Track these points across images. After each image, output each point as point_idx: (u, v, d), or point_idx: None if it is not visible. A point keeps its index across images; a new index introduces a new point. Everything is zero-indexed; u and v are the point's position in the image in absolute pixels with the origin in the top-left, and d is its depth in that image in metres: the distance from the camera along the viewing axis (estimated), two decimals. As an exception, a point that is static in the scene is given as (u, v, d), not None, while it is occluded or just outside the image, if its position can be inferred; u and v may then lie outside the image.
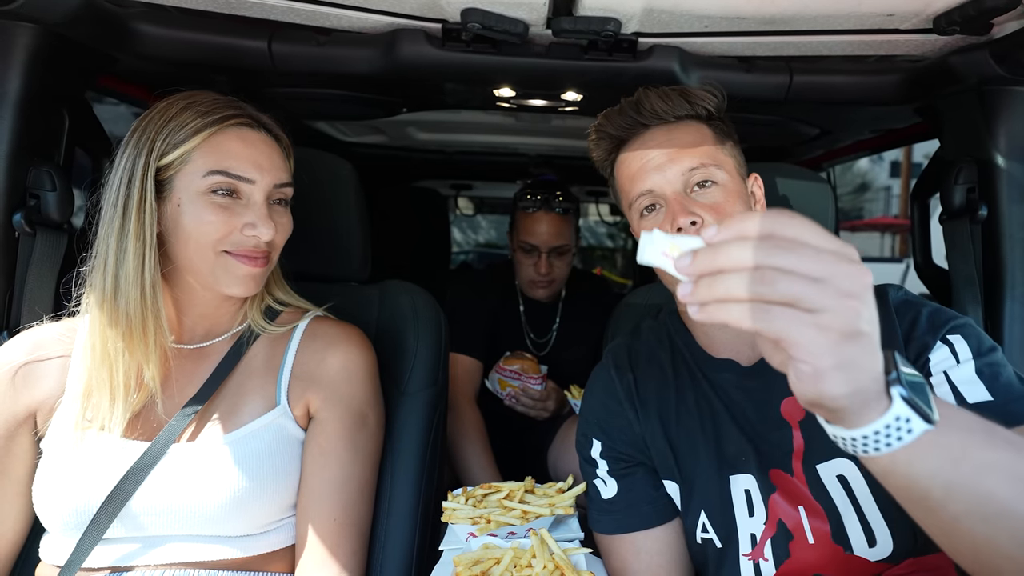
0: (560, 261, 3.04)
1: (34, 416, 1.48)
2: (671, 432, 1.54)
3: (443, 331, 1.89)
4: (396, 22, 1.76)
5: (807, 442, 1.40)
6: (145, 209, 1.40)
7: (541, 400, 2.83)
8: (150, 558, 1.41)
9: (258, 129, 1.52)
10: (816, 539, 1.36)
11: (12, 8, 1.49)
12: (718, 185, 1.47)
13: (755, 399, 1.48)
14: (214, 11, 1.73)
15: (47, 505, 1.40)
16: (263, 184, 1.48)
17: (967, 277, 1.89)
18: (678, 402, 1.56)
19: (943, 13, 1.58)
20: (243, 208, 1.46)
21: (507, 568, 1.38)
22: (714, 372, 1.54)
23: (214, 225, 1.43)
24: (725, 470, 1.46)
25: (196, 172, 1.42)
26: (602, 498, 1.58)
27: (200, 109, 1.44)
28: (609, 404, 1.63)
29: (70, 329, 1.53)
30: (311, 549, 1.46)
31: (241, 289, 1.49)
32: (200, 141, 1.42)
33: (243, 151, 1.46)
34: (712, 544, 1.47)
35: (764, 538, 1.40)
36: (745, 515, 1.43)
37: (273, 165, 1.50)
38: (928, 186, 2.18)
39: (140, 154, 1.41)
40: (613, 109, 1.60)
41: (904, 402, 0.85)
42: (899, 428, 0.86)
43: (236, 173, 1.44)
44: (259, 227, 1.46)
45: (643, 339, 1.70)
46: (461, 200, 5.58)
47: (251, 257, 1.48)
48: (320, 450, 1.52)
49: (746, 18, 1.64)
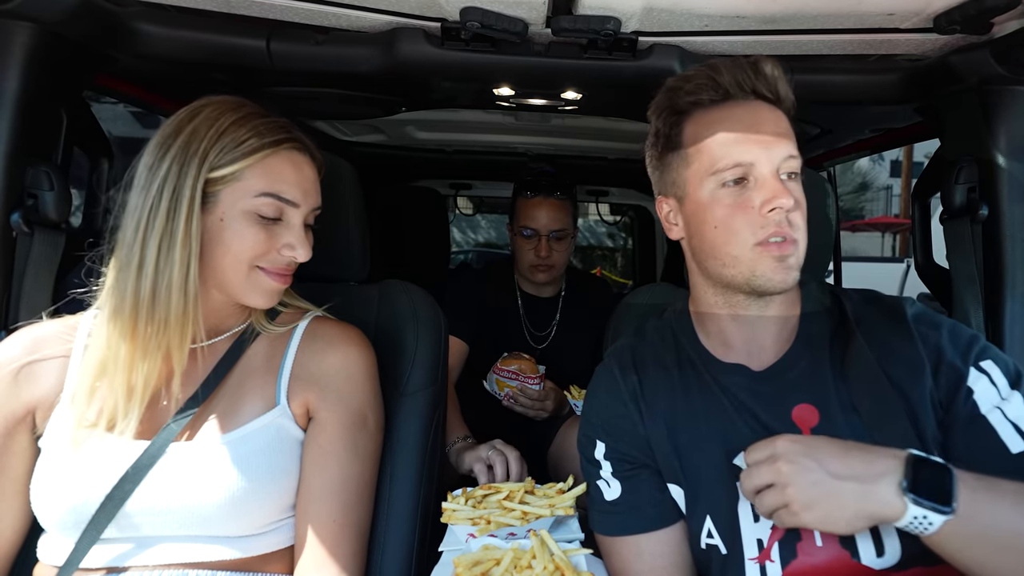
0: (559, 246, 3.08)
1: (33, 414, 1.47)
2: (677, 436, 1.52)
3: (442, 331, 1.89)
4: (395, 21, 1.75)
5: None
6: (193, 217, 1.40)
7: (539, 400, 2.83)
8: (148, 558, 1.40)
9: (304, 153, 1.55)
10: (824, 541, 1.34)
11: (10, 7, 1.49)
12: (799, 179, 1.44)
13: (766, 403, 1.45)
14: (212, 10, 1.72)
15: (45, 504, 1.39)
16: (305, 208, 1.52)
17: (968, 277, 1.89)
18: (685, 405, 1.53)
19: (943, 12, 1.58)
20: (283, 229, 1.49)
21: (507, 569, 1.37)
22: (724, 375, 1.52)
23: (255, 243, 1.45)
24: (731, 474, 1.43)
25: (247, 191, 1.44)
26: (605, 499, 1.56)
27: (257, 128, 1.46)
28: (613, 406, 1.60)
29: (69, 327, 1.53)
30: (310, 550, 1.46)
31: (264, 302, 1.52)
32: (255, 161, 1.44)
33: (293, 176, 1.49)
34: (717, 550, 1.45)
35: (771, 541, 1.38)
36: (750, 521, 1.41)
37: (315, 190, 1.56)
38: (929, 186, 2.17)
39: (190, 164, 1.40)
40: (729, 63, 1.45)
41: (915, 504, 1.13)
42: (920, 523, 1.14)
43: (286, 197, 1.47)
44: (297, 249, 1.50)
45: (648, 340, 1.67)
46: (460, 199, 5.57)
47: (281, 275, 1.52)
48: (319, 450, 1.51)
49: (746, 17, 1.64)
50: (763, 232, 1.37)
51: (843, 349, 1.45)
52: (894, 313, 1.47)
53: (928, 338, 1.41)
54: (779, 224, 1.36)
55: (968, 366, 1.35)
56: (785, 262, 1.38)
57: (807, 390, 1.43)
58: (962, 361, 1.36)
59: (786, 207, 1.36)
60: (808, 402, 1.42)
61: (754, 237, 1.38)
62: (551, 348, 3.21)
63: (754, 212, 1.37)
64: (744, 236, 1.39)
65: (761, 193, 1.37)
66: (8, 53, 1.58)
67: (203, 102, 1.48)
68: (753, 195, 1.38)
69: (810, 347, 1.48)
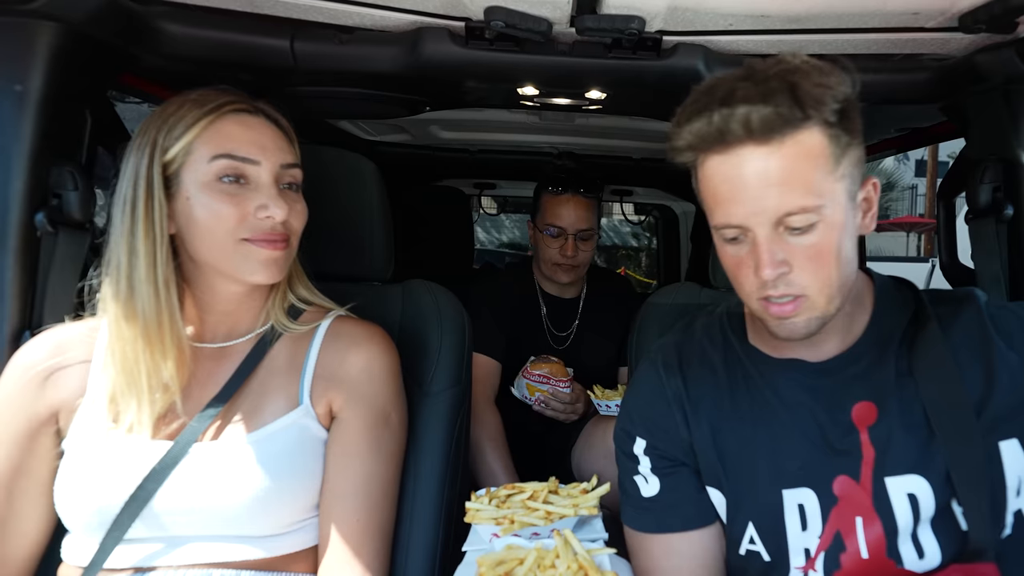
0: (585, 246, 3.04)
1: (56, 416, 1.47)
2: (722, 439, 1.46)
3: (466, 331, 1.89)
4: (419, 20, 1.75)
5: (877, 451, 1.33)
6: (154, 207, 1.40)
7: (571, 403, 2.82)
8: (172, 558, 1.41)
9: (256, 114, 1.51)
10: (871, 553, 1.30)
11: (34, 7, 1.50)
12: (823, 223, 1.22)
13: (824, 399, 1.38)
14: (236, 10, 1.73)
15: (69, 505, 1.40)
16: (269, 165, 1.47)
17: (993, 276, 1.88)
18: (731, 408, 1.47)
19: (968, 11, 1.57)
20: (252, 192, 1.45)
21: (530, 569, 1.36)
22: (776, 373, 1.44)
23: (226, 212, 1.42)
24: (779, 483, 1.39)
25: (201, 160, 1.42)
26: (641, 495, 1.52)
27: (196, 101, 1.45)
28: (656, 404, 1.54)
29: (92, 329, 1.53)
30: (334, 549, 1.46)
31: (265, 275, 1.48)
32: (200, 130, 1.42)
33: (244, 134, 1.46)
34: (759, 556, 1.41)
35: (818, 551, 1.35)
36: (798, 529, 1.37)
37: (277, 146, 1.50)
38: (954, 185, 2.16)
39: (143, 154, 1.41)
40: (692, 105, 1.26)
41: None
42: None
43: (240, 155, 1.43)
44: (271, 207, 1.44)
45: (696, 338, 1.60)
46: (484, 199, 5.57)
47: (270, 240, 1.47)
48: (343, 450, 1.52)
49: (771, 16, 1.63)
50: (763, 291, 1.27)
51: (912, 346, 1.37)
52: (966, 304, 1.40)
53: (1003, 330, 1.34)
54: (774, 287, 1.25)
55: None
56: (784, 322, 1.29)
57: (868, 387, 1.36)
58: None
59: (768, 278, 1.24)
60: (869, 399, 1.35)
61: (757, 293, 1.29)
62: (572, 348, 3.18)
63: (751, 271, 1.28)
64: (748, 290, 1.31)
65: (752, 257, 1.26)
66: (32, 53, 1.58)
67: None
68: (747, 255, 1.27)
69: (879, 343, 1.40)
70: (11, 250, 1.59)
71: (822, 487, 1.36)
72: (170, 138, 1.41)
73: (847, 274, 1.28)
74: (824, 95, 1.20)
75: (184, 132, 1.41)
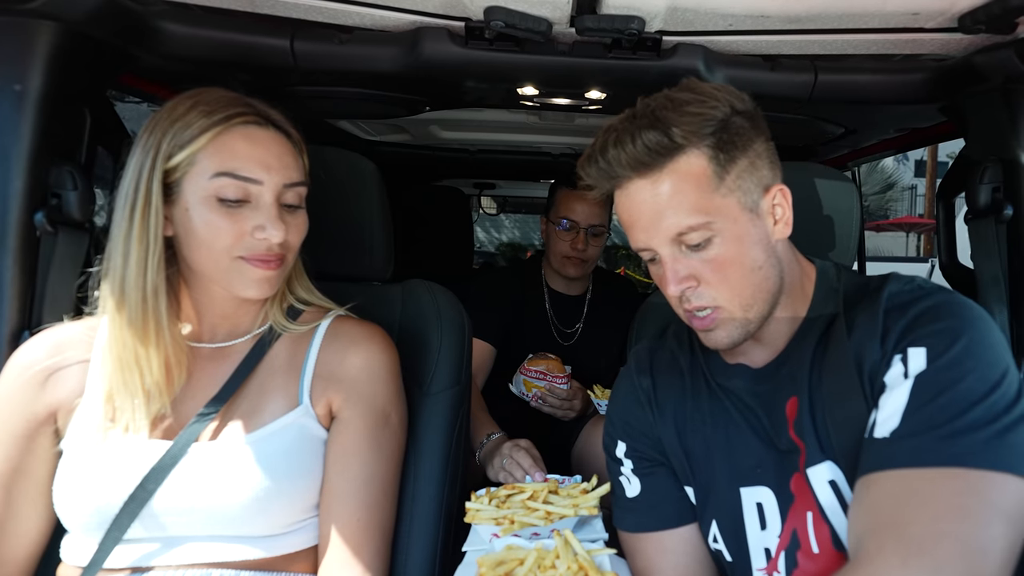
0: (596, 241, 3.10)
1: (55, 416, 1.47)
2: (686, 440, 1.53)
3: (466, 331, 1.89)
4: (419, 20, 1.75)
5: (804, 444, 1.35)
6: (150, 213, 1.39)
7: (568, 400, 2.82)
8: (172, 558, 1.41)
9: (266, 126, 1.47)
10: (820, 547, 1.32)
11: (34, 6, 1.49)
12: (718, 236, 1.31)
13: (766, 403, 1.43)
14: (236, 9, 1.73)
15: (68, 505, 1.40)
16: (271, 185, 1.44)
17: (992, 277, 1.88)
18: (693, 409, 1.53)
19: (968, 12, 1.57)
20: (252, 211, 1.43)
21: (531, 569, 1.37)
22: (728, 379, 1.50)
23: (224, 230, 1.41)
24: (736, 482, 1.43)
25: (203, 175, 1.39)
26: (627, 496, 1.58)
27: (205, 108, 1.41)
28: (631, 407, 1.62)
29: (91, 328, 1.53)
30: (334, 549, 1.46)
31: (256, 292, 1.48)
32: (206, 142, 1.39)
33: (250, 150, 1.42)
34: (722, 555, 1.46)
35: (779, 551, 1.38)
36: (757, 528, 1.41)
37: (282, 164, 1.47)
38: (953, 186, 2.16)
39: (147, 156, 1.39)
40: (591, 149, 1.41)
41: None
42: None
43: (243, 174, 1.41)
44: (268, 229, 1.42)
45: (668, 343, 1.66)
46: (484, 199, 5.57)
47: (264, 260, 1.45)
48: (343, 450, 1.51)
49: (770, 16, 1.64)
50: (681, 305, 1.39)
51: (827, 340, 1.40)
52: (873, 301, 1.35)
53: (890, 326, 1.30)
54: (688, 300, 1.37)
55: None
56: (708, 334, 1.40)
57: (794, 384, 1.40)
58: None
59: (673, 294, 1.37)
60: (795, 395, 1.39)
61: (679, 307, 1.41)
62: (577, 346, 3.22)
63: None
64: (673, 305, 1.43)
65: (664, 275, 1.38)
66: (32, 52, 1.58)
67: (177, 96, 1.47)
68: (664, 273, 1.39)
69: (804, 341, 1.43)
70: (10, 250, 1.59)
71: (780, 486, 1.39)
72: (175, 144, 1.39)
73: (759, 281, 1.36)
74: (694, 122, 1.29)
75: (190, 141, 1.39)
